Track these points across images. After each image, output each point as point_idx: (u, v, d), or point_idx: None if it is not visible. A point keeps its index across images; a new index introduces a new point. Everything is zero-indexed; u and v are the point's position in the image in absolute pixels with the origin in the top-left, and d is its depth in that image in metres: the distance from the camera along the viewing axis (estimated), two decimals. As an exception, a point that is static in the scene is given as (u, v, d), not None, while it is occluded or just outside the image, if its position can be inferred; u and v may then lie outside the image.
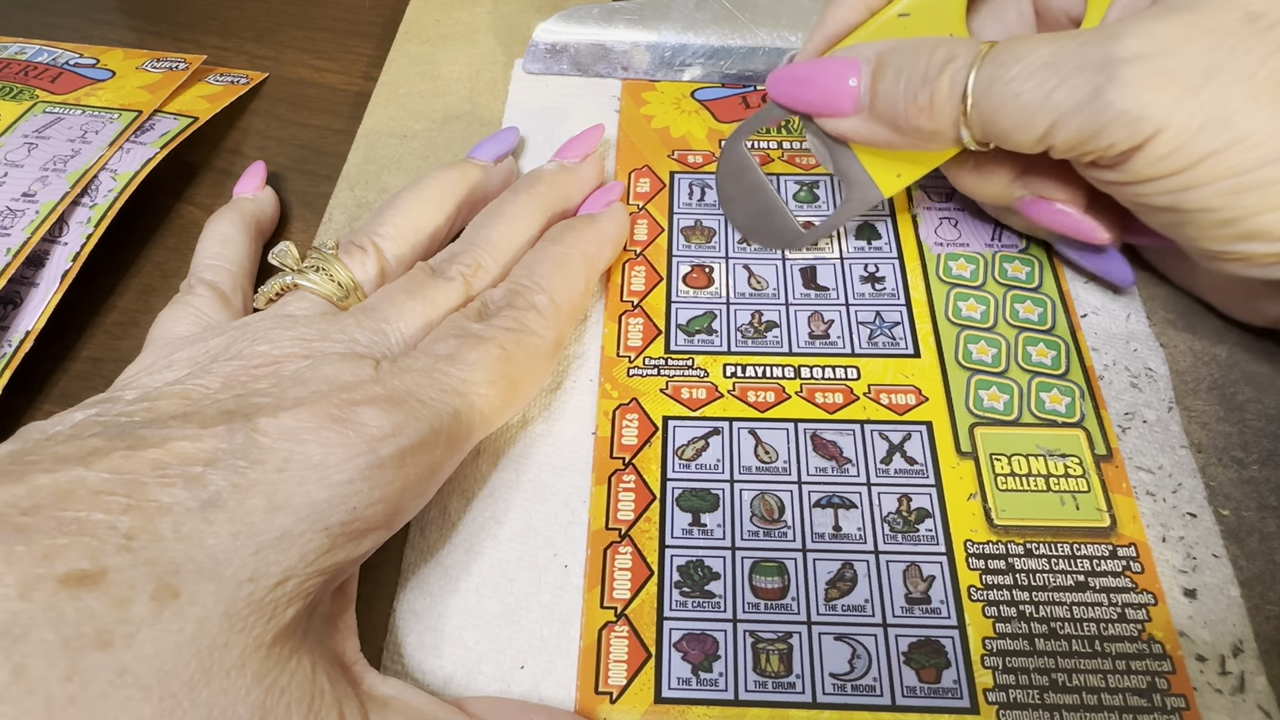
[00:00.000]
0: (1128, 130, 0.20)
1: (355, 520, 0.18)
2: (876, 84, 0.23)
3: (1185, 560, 0.22)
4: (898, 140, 0.24)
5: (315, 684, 0.17)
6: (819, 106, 0.25)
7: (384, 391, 0.20)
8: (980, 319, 0.27)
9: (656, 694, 0.21)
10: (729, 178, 0.28)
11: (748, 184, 0.28)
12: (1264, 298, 0.25)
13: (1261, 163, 0.19)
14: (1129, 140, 0.20)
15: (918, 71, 0.22)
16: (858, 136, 0.25)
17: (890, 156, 0.25)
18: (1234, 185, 0.19)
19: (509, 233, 0.26)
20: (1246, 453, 0.24)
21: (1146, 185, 0.21)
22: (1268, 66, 0.19)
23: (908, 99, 0.23)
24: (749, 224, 0.29)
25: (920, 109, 0.22)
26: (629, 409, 0.25)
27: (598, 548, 0.23)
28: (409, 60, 0.36)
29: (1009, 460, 0.24)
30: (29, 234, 0.28)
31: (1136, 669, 0.21)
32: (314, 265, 0.24)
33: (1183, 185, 0.20)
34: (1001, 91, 0.21)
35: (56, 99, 0.33)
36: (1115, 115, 0.20)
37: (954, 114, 0.22)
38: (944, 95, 0.22)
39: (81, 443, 0.17)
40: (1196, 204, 0.20)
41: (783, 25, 0.34)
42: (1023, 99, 0.21)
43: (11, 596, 0.14)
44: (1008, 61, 0.21)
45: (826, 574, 0.22)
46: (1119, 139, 0.20)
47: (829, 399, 0.25)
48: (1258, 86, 0.19)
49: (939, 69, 0.22)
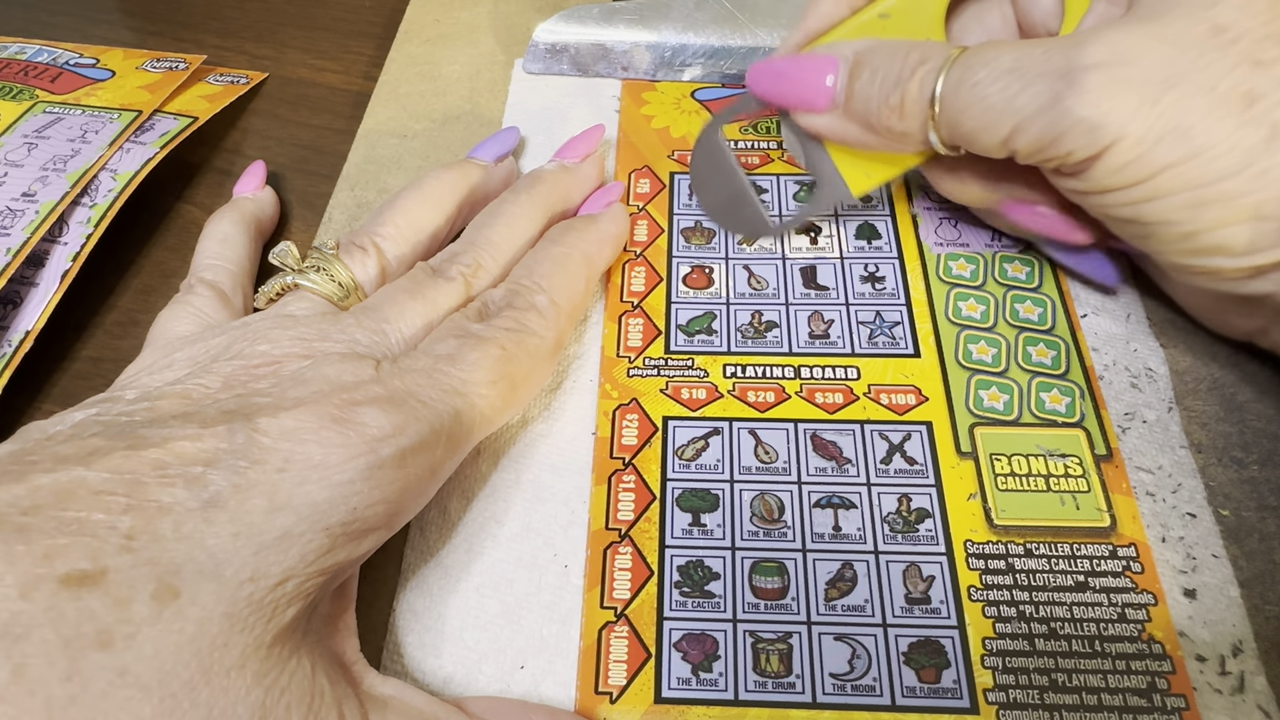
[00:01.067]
0: (1086, 138, 0.20)
1: (356, 520, 0.18)
2: (852, 83, 0.24)
3: (1185, 560, 0.22)
4: (869, 140, 0.24)
5: (315, 684, 0.17)
6: (795, 101, 0.25)
7: (384, 392, 0.20)
8: (980, 319, 0.27)
9: (656, 694, 0.21)
10: (703, 162, 0.29)
11: (721, 171, 0.29)
12: (1233, 312, 0.24)
13: (1220, 176, 0.19)
14: (1087, 148, 0.20)
15: (892, 73, 0.23)
16: (831, 133, 0.25)
17: (862, 156, 0.26)
18: (1193, 199, 0.19)
19: (509, 233, 0.26)
20: (1246, 453, 0.24)
21: (1108, 196, 0.21)
22: (1229, 80, 0.19)
23: (880, 99, 0.23)
24: (719, 209, 0.29)
25: (892, 110, 0.23)
26: (629, 409, 0.25)
27: (598, 548, 0.23)
28: (409, 60, 0.36)
29: (1009, 460, 0.24)
30: (29, 234, 0.28)
31: (1136, 669, 0.21)
32: (314, 265, 0.24)
33: (1143, 196, 0.20)
34: (968, 95, 0.21)
35: (56, 99, 0.33)
36: (1074, 122, 0.20)
37: (922, 116, 0.22)
38: (914, 97, 0.22)
39: (82, 442, 0.17)
40: (1157, 216, 0.20)
41: (783, 25, 0.34)
42: (987, 102, 0.21)
43: (12, 596, 0.14)
44: (975, 65, 0.21)
45: (826, 574, 0.22)
46: (1077, 146, 0.20)
47: (829, 399, 0.25)
48: (1218, 99, 0.19)
49: (911, 71, 0.22)
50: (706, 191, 0.29)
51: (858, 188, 0.26)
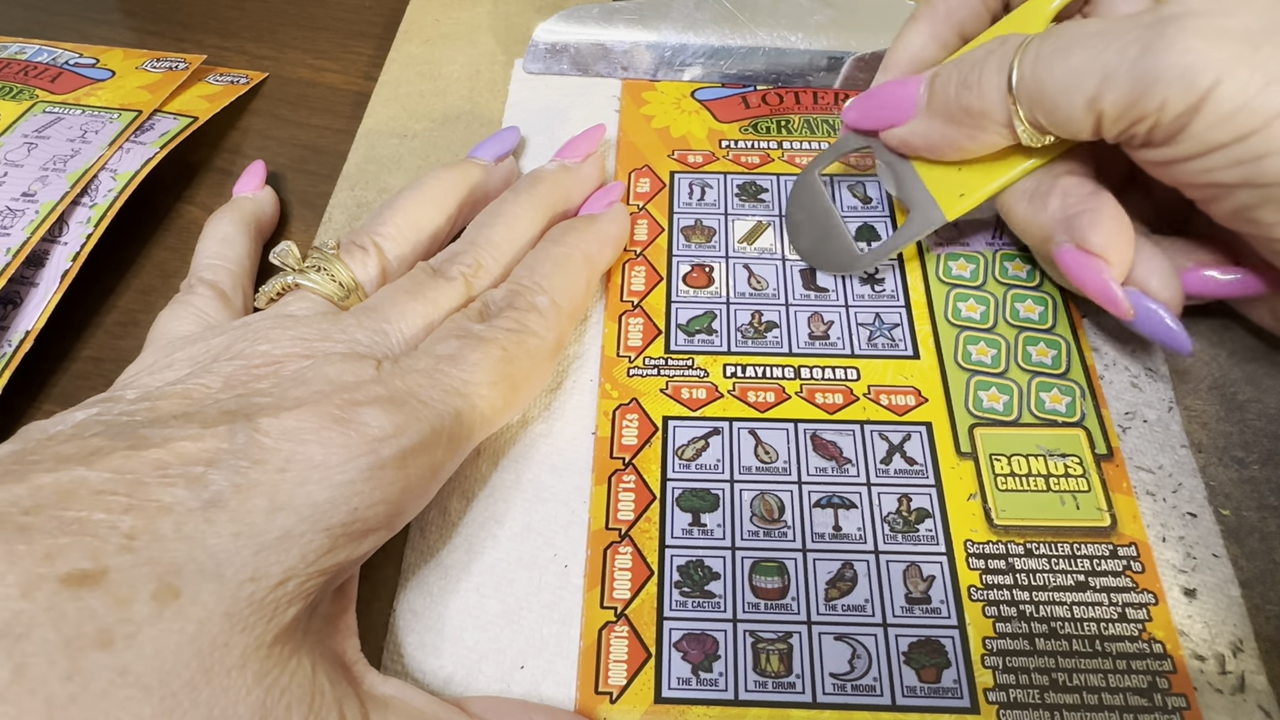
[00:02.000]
0: (1180, 83, 0.18)
1: (356, 521, 0.18)
2: (934, 83, 0.24)
3: (1185, 560, 0.22)
4: (951, 132, 0.24)
5: (316, 684, 0.17)
6: (883, 118, 0.25)
7: (385, 392, 0.20)
8: (980, 320, 0.27)
9: (656, 694, 0.21)
10: (799, 205, 0.29)
11: (816, 210, 0.29)
12: None
13: None
14: (1183, 96, 0.18)
15: (969, 61, 0.23)
16: (915, 137, 0.25)
17: (951, 173, 0.25)
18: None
19: (510, 233, 0.26)
20: (1246, 453, 0.24)
21: (1214, 156, 0.19)
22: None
23: (959, 84, 0.23)
24: (810, 248, 0.29)
25: (969, 87, 0.23)
26: (629, 409, 0.25)
27: (598, 548, 0.23)
28: (409, 60, 0.36)
29: (1009, 460, 0.24)
30: (29, 234, 0.28)
31: (1137, 669, 0.21)
32: (315, 265, 0.24)
33: (1255, 152, 0.18)
34: (1050, 57, 0.21)
35: (56, 99, 0.33)
36: (1166, 67, 0.18)
37: (1001, 87, 0.22)
38: (993, 70, 0.22)
39: (83, 442, 0.17)
40: (1274, 175, 0.18)
41: (783, 25, 0.34)
42: (1071, 62, 0.20)
43: (13, 596, 0.14)
44: (1059, 33, 0.21)
45: (826, 574, 0.22)
46: (1171, 94, 0.18)
47: (829, 399, 0.25)
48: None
49: (988, 53, 0.22)
50: (799, 232, 0.29)
51: (950, 209, 0.25)
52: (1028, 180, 0.24)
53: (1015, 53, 0.22)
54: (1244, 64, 0.18)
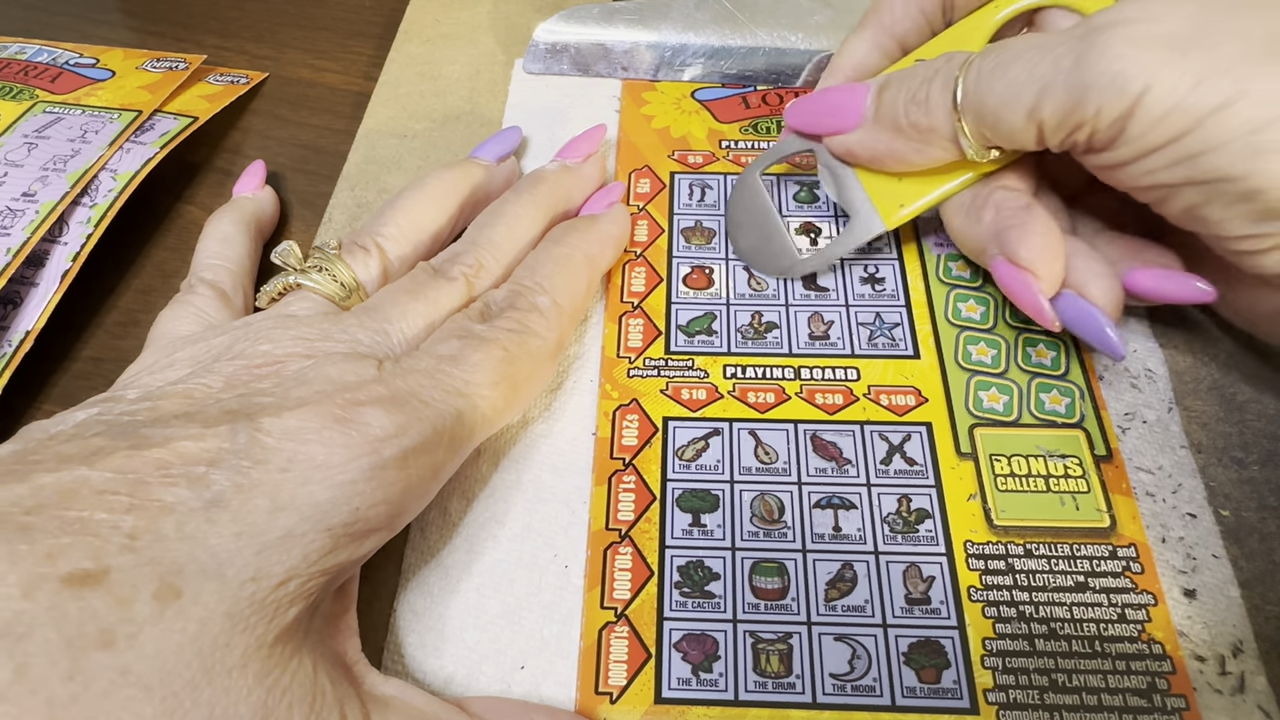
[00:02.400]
0: (1112, 90, 0.19)
1: (358, 521, 0.18)
2: (881, 95, 0.24)
3: (1185, 560, 0.22)
4: (898, 146, 0.24)
5: (317, 684, 0.17)
6: (829, 124, 0.26)
7: (387, 392, 0.20)
8: (980, 320, 0.27)
9: (657, 694, 0.21)
10: (740, 205, 0.29)
11: (756, 211, 0.29)
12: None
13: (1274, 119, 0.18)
14: (1116, 102, 0.19)
15: (917, 76, 0.23)
16: (861, 147, 0.25)
17: (893, 181, 0.26)
18: (1250, 146, 0.18)
19: (511, 233, 0.26)
20: (1246, 453, 0.24)
21: (1155, 157, 0.19)
22: (1264, 28, 0.18)
23: (907, 98, 0.23)
24: (750, 249, 0.29)
25: (918, 104, 0.23)
26: (629, 410, 0.25)
27: (598, 548, 0.23)
28: (409, 60, 0.36)
29: (1009, 461, 0.24)
30: (29, 234, 0.28)
31: (1136, 669, 0.21)
32: (317, 265, 0.24)
33: (1191, 151, 0.19)
34: (990, 73, 0.21)
35: (56, 99, 0.33)
36: (1098, 75, 0.19)
37: (946, 106, 0.22)
38: (938, 88, 0.23)
39: (85, 442, 0.17)
40: (1214, 172, 0.19)
41: (783, 25, 0.34)
42: (1009, 75, 0.21)
43: (15, 596, 0.14)
44: (998, 50, 0.22)
45: (826, 574, 0.22)
46: (1105, 101, 0.19)
47: (829, 400, 0.25)
48: (1255, 45, 0.18)
49: (935, 70, 0.23)
50: (740, 232, 0.29)
51: (890, 218, 0.26)
52: (965, 193, 0.25)
53: (960, 69, 0.22)
54: (1173, 66, 0.18)
